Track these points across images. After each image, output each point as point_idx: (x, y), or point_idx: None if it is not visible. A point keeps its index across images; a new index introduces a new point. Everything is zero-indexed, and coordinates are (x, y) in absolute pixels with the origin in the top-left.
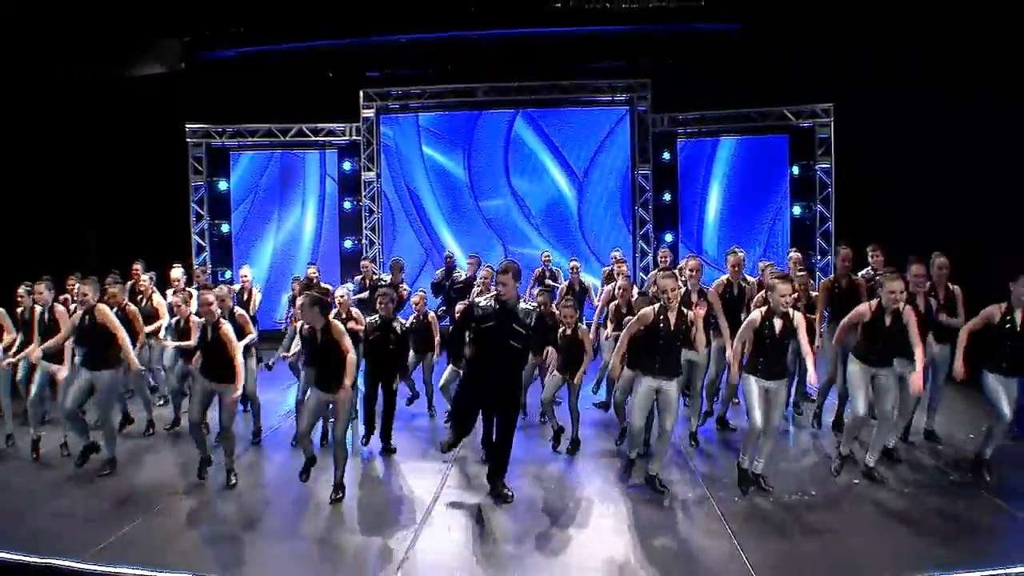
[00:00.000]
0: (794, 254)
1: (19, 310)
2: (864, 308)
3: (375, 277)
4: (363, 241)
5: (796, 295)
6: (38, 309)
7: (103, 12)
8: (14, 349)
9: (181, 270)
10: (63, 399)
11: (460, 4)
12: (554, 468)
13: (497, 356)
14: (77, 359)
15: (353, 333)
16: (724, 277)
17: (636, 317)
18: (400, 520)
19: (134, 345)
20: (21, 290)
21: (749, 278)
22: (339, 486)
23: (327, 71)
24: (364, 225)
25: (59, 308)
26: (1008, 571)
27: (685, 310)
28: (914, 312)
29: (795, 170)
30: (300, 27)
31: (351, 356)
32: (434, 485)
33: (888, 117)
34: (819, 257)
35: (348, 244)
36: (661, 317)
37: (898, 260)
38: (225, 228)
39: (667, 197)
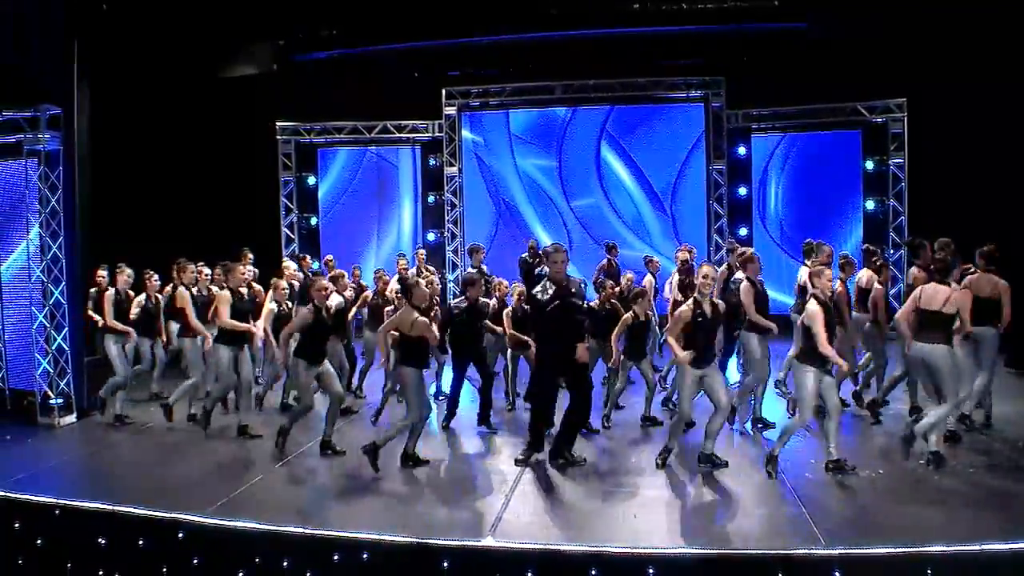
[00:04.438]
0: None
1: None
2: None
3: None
4: (445, 233)
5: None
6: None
7: (203, 17)
8: None
9: (295, 265)
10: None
11: (540, 6)
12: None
13: (565, 331)
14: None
15: None
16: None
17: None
18: (492, 487)
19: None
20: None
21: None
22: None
23: (411, 71)
24: (446, 218)
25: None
26: None
27: None
28: None
29: (868, 165)
30: (385, 30)
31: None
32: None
33: (962, 111)
34: (892, 251)
35: (431, 236)
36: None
37: (970, 254)
38: (313, 221)
39: (742, 192)
